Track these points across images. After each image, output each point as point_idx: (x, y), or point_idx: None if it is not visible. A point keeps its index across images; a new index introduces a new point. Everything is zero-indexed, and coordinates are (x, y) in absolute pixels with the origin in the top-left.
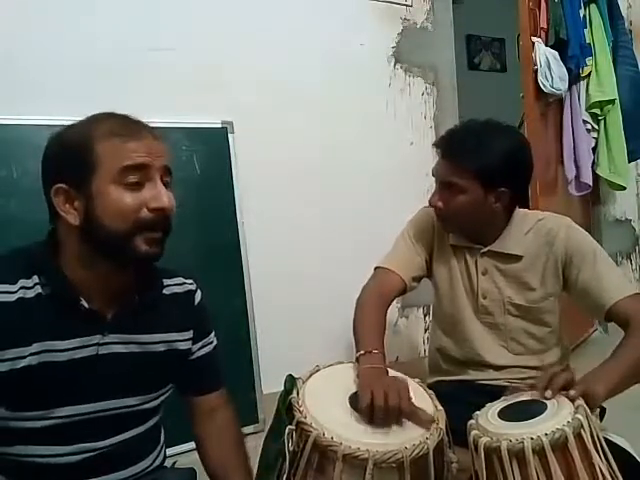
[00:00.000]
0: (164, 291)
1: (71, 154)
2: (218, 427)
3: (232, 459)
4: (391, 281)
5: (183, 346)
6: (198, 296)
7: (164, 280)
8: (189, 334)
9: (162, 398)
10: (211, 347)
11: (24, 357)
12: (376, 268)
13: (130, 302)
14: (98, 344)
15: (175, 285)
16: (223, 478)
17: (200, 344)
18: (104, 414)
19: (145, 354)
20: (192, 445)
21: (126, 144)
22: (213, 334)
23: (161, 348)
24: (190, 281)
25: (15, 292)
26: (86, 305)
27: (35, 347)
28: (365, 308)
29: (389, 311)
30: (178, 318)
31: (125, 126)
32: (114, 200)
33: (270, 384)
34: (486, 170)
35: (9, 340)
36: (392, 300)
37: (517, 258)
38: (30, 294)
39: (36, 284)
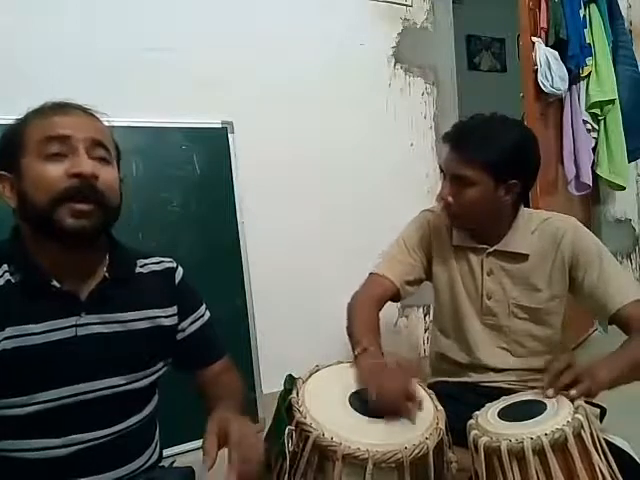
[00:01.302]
0: (142, 269)
1: (6, 142)
2: (222, 383)
3: (227, 390)
4: (382, 285)
5: (168, 322)
6: (179, 273)
7: (141, 260)
8: (173, 310)
9: (151, 379)
10: (204, 320)
11: None
12: (370, 274)
13: (101, 280)
14: (76, 325)
15: (153, 264)
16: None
17: (190, 320)
18: (91, 396)
19: (127, 332)
20: (192, 445)
21: (49, 119)
22: (204, 307)
23: (143, 325)
24: (169, 259)
25: None
26: (57, 285)
27: (8, 332)
28: (357, 311)
29: (389, 311)
30: (159, 295)
31: (54, 107)
32: (36, 172)
33: (270, 384)
34: (496, 161)
35: None
36: (384, 303)
37: (523, 257)
38: None
39: (5, 272)
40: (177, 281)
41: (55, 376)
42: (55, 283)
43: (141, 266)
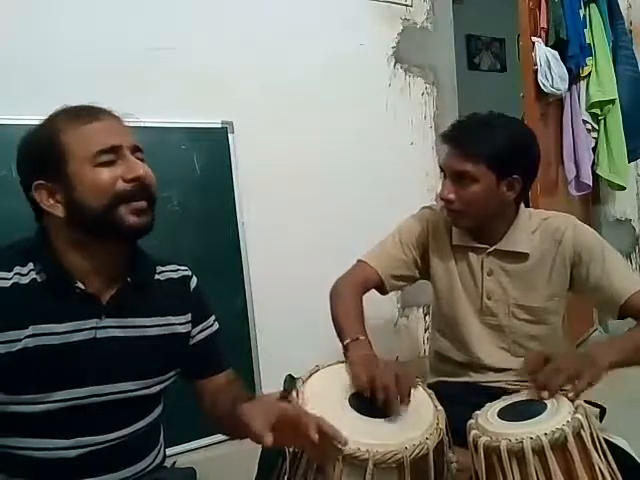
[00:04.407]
0: (159, 277)
1: (41, 151)
2: (228, 392)
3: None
4: (366, 273)
5: (182, 329)
6: (194, 281)
7: (159, 267)
8: (187, 317)
9: (161, 386)
10: (212, 330)
11: (20, 340)
12: (357, 261)
13: (123, 285)
14: (95, 327)
15: (170, 271)
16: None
17: (200, 327)
18: (102, 399)
19: (143, 338)
20: (192, 445)
21: (89, 127)
22: (213, 318)
23: (159, 332)
24: (184, 268)
25: (10, 279)
26: (82, 286)
27: (31, 330)
28: (341, 297)
29: (389, 311)
30: (175, 302)
31: (83, 111)
32: (90, 179)
33: (270, 384)
34: (497, 155)
35: (4, 323)
36: (366, 291)
37: (524, 257)
38: (25, 280)
39: (31, 270)
40: (192, 289)
41: (71, 376)
42: (80, 285)
43: (159, 273)
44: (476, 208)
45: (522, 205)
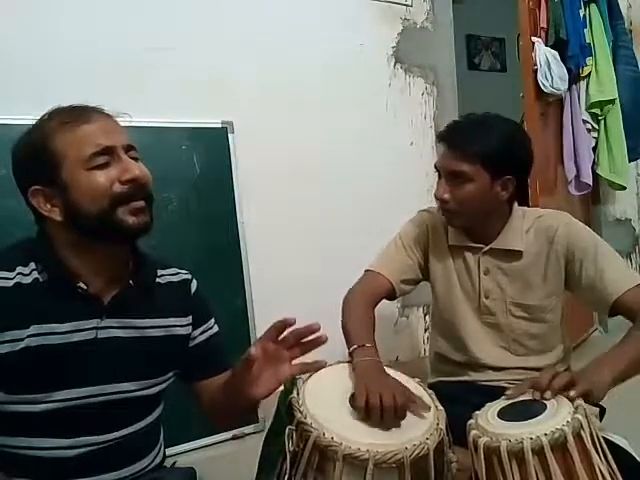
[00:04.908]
0: (160, 280)
1: (34, 157)
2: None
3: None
4: (378, 283)
5: (183, 331)
6: (194, 284)
7: (159, 270)
8: (188, 320)
9: (161, 387)
10: (212, 332)
11: (22, 339)
12: (366, 271)
13: (125, 286)
14: (97, 328)
15: (170, 275)
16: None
17: (200, 330)
18: (102, 399)
19: (144, 339)
20: (192, 445)
21: (80, 130)
22: (213, 321)
23: (160, 333)
24: (185, 271)
25: (12, 278)
26: (84, 287)
27: (33, 329)
28: (352, 307)
29: (389, 311)
30: (176, 304)
31: (73, 114)
32: (86, 183)
33: None
34: (492, 155)
35: (7, 323)
36: (379, 300)
37: (518, 255)
38: (27, 280)
39: (33, 270)
40: (192, 292)
41: (72, 376)
42: (82, 285)
43: (159, 276)
44: (470, 207)
45: (515, 204)
